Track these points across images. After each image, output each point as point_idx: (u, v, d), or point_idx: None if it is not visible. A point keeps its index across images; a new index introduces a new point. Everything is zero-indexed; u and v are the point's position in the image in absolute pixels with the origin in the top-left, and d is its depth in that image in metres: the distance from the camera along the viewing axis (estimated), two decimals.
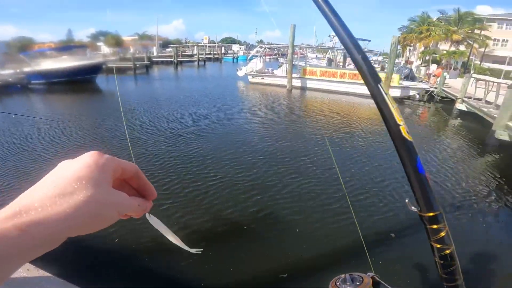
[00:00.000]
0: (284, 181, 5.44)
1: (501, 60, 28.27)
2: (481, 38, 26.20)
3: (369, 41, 21.63)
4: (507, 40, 32.48)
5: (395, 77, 15.42)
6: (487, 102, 10.71)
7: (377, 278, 0.47)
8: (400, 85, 15.61)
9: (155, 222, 0.40)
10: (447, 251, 0.31)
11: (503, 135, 7.79)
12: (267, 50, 27.63)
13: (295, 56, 18.80)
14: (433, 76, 19.35)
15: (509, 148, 7.65)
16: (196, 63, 37.11)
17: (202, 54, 41.04)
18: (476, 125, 10.26)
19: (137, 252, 3.50)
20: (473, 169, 6.77)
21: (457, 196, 5.26)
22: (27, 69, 17.60)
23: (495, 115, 8.50)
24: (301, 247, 3.70)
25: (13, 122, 9.09)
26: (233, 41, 74.93)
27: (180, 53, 39.72)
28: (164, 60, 37.08)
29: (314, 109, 13.55)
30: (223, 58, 46.31)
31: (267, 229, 4.12)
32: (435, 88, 16.41)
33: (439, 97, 15.59)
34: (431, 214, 0.31)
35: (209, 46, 49.17)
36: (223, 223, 4.16)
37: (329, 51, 21.94)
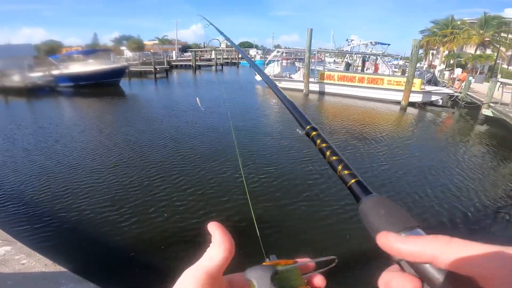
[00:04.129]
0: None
1: None
2: (508, 42, 24.84)
3: (388, 45, 21.29)
4: None
5: (417, 81, 14.87)
6: None
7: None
8: (422, 90, 15.04)
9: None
10: (329, 151, 0.38)
11: None
12: (285, 54, 27.60)
13: (312, 60, 18.62)
14: (458, 80, 18.53)
15: None
16: (213, 67, 37.68)
17: (219, 59, 41.67)
18: (503, 131, 9.73)
19: (154, 252, 3.58)
20: (499, 177, 6.41)
21: (480, 207, 4.99)
22: (55, 72, 18.47)
23: None
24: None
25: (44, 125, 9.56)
26: (250, 45, 75.56)
27: (198, 57, 40.55)
28: (183, 64, 37.94)
29: (329, 113, 13.35)
30: (240, 62, 46.76)
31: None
32: (460, 93, 15.72)
33: (463, 102, 14.89)
34: (308, 127, 0.43)
35: (226, 51, 49.88)
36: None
37: (347, 55, 21.59)
